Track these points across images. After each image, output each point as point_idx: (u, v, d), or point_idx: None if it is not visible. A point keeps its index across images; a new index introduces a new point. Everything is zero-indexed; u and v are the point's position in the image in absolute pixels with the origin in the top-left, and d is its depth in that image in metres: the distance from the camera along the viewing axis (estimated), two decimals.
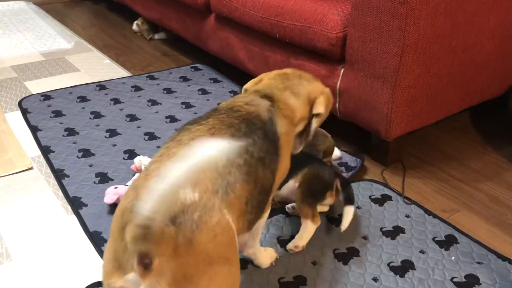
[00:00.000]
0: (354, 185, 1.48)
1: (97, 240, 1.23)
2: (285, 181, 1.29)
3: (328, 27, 1.51)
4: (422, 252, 1.23)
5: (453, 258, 1.21)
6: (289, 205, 1.34)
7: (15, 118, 1.83)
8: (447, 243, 1.26)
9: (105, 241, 1.23)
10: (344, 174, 1.53)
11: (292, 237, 1.25)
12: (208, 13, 2.14)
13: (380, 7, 1.33)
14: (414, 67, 1.38)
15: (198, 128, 0.81)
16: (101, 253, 1.20)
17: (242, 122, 0.86)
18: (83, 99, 1.99)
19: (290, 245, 1.22)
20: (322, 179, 1.27)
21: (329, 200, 1.30)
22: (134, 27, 2.80)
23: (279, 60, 1.78)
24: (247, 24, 1.85)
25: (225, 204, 0.74)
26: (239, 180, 0.79)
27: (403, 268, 1.18)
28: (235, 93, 2.09)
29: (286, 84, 1.05)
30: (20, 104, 1.93)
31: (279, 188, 1.32)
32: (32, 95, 2.01)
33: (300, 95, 1.05)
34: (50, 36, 2.75)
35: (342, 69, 1.54)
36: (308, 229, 1.22)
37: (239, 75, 2.27)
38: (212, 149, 0.77)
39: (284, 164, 0.98)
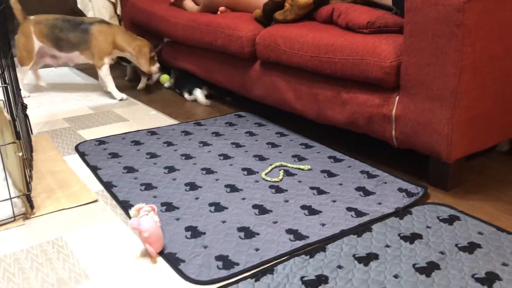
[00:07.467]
0: (419, 208, 1.48)
1: (173, 260, 1.23)
2: None
3: (382, 57, 1.59)
4: (504, 264, 1.20)
5: None
6: None
7: (74, 160, 1.89)
8: None
9: (181, 260, 1.23)
10: (406, 200, 1.53)
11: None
12: (254, 61, 2.25)
13: (436, 31, 1.41)
14: (472, 88, 1.43)
15: None
16: (179, 271, 1.19)
17: None
18: (136, 142, 2.05)
19: None
20: None
21: None
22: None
23: (329, 95, 1.85)
24: (295, 65, 1.94)
25: None
26: None
27: (488, 280, 1.14)
28: (281, 134, 2.15)
29: None
30: (76, 148, 2.00)
31: None
32: (86, 140, 2.09)
33: None
34: (96, 94, 2.88)
35: (397, 96, 1.60)
36: None
37: (282, 119, 2.34)
38: None
39: None
